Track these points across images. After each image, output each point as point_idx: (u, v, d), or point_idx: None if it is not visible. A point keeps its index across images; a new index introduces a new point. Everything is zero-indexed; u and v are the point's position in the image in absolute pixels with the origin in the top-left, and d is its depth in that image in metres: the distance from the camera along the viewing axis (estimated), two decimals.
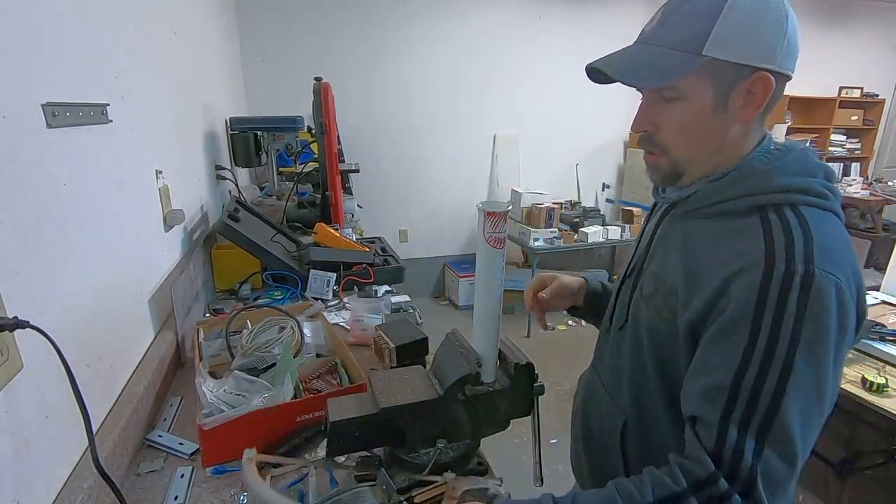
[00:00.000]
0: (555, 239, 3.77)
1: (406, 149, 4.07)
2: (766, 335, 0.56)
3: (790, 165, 0.64)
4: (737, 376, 0.57)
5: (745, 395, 0.56)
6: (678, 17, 0.62)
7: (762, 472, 0.55)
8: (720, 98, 0.63)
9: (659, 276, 0.72)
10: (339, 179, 2.43)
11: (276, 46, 3.52)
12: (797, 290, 0.55)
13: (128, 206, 1.10)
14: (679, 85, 0.63)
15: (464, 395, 0.83)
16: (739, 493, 0.55)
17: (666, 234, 0.75)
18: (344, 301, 1.65)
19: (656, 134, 0.68)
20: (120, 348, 1.01)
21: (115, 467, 0.84)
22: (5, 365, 0.62)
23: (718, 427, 0.57)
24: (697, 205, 0.69)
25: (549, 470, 0.85)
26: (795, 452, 0.56)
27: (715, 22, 0.59)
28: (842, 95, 5.10)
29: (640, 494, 0.58)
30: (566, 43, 4.14)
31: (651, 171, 0.73)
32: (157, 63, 1.42)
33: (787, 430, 0.55)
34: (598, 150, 4.61)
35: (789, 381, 0.55)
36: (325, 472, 0.90)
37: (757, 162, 0.65)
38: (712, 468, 0.56)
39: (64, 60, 0.85)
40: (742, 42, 0.59)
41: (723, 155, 0.67)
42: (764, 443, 0.55)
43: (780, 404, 0.55)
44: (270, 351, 1.10)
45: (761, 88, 0.62)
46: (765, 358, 0.56)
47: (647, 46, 0.65)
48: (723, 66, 0.61)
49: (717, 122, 0.64)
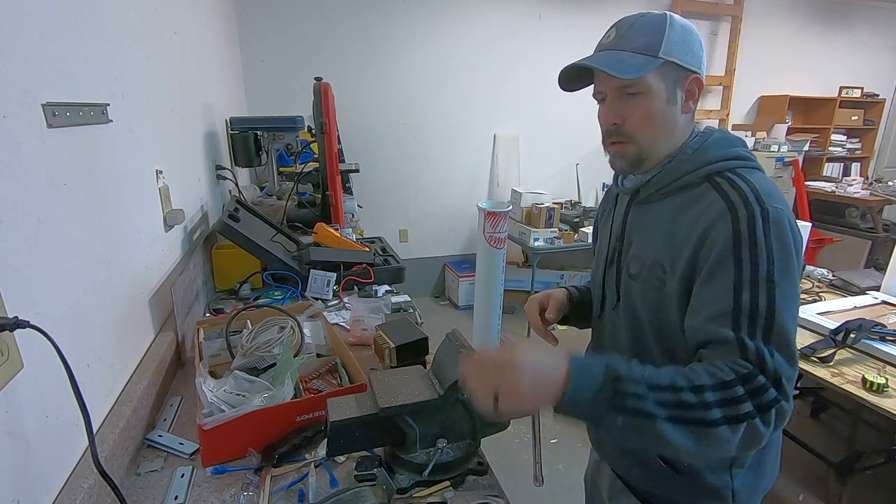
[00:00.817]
0: (555, 239, 3.77)
1: (406, 149, 4.06)
2: (749, 263, 0.68)
3: (718, 141, 0.81)
4: (735, 300, 0.68)
5: (747, 312, 0.67)
6: (634, 31, 0.77)
7: (781, 368, 0.65)
8: (671, 93, 0.78)
9: (641, 255, 0.83)
10: (340, 179, 2.43)
11: (276, 46, 3.52)
12: (761, 222, 0.69)
13: (128, 205, 1.10)
14: (643, 81, 0.76)
15: (464, 394, 0.83)
16: (774, 388, 0.64)
17: (635, 220, 0.87)
18: (344, 301, 1.65)
19: (623, 125, 0.80)
20: (120, 348, 1.01)
21: (116, 467, 0.84)
22: (5, 365, 0.63)
23: (736, 341, 0.66)
24: (657, 186, 0.82)
25: (549, 469, 0.85)
26: (794, 351, 0.67)
27: (663, 34, 0.76)
28: (842, 95, 5.10)
29: (697, 376, 0.64)
30: (566, 42, 4.14)
31: (617, 160, 0.84)
32: (157, 63, 1.42)
33: (785, 332, 0.67)
34: (598, 149, 4.52)
35: (776, 293, 0.67)
36: (325, 472, 0.90)
37: (695, 142, 0.82)
38: (751, 367, 0.64)
39: (64, 60, 0.85)
40: (683, 50, 0.76)
41: (671, 141, 0.81)
42: (772, 345, 0.66)
43: (774, 313, 0.67)
44: (270, 351, 1.10)
45: (696, 87, 0.79)
46: (752, 281, 0.68)
47: (613, 52, 0.78)
48: (672, 67, 0.77)
49: (671, 112, 0.79)
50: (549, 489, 2.25)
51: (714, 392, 0.62)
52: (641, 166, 0.83)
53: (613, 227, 0.92)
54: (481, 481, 0.88)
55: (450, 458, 0.85)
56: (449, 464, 0.85)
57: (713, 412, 0.61)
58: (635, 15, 0.79)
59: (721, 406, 0.62)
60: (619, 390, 0.61)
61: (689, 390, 0.62)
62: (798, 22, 4.87)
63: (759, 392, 0.63)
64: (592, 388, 0.61)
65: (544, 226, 3.74)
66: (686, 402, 0.62)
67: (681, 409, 0.62)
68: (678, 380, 0.63)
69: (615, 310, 0.90)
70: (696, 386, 0.62)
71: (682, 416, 0.61)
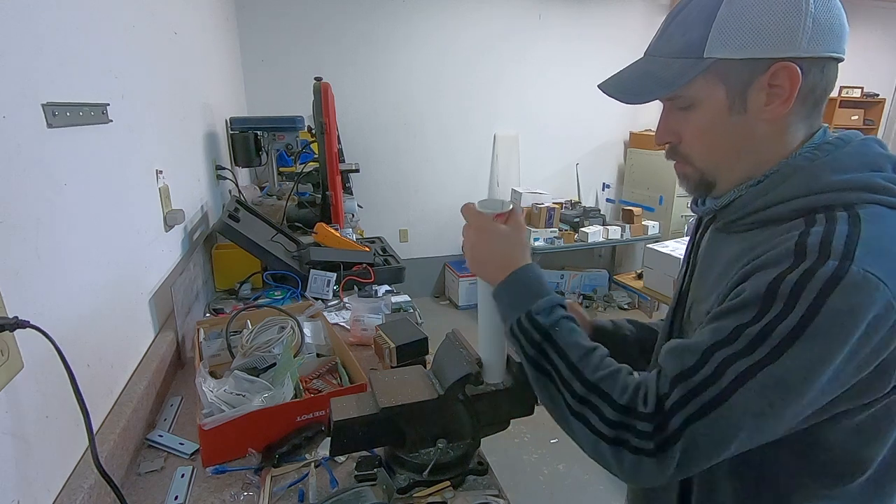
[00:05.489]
0: (555, 239, 3.77)
1: (406, 148, 4.07)
2: (764, 322, 0.50)
3: (844, 159, 0.57)
4: (713, 346, 0.53)
5: (711, 367, 0.52)
6: (675, 26, 0.60)
7: (684, 444, 0.52)
8: (736, 98, 0.58)
9: (699, 298, 0.67)
10: (340, 179, 2.43)
11: (276, 46, 3.52)
12: (820, 282, 0.48)
13: (128, 205, 1.10)
14: (687, 93, 0.60)
15: (464, 394, 0.83)
16: (655, 444, 0.53)
17: (706, 254, 0.70)
18: (344, 301, 1.65)
19: (679, 144, 0.65)
20: (120, 348, 1.01)
21: (116, 467, 0.84)
22: (6, 365, 0.63)
23: (670, 382, 0.54)
24: (737, 214, 0.62)
25: (549, 469, 0.85)
26: (713, 452, 0.53)
27: (711, 24, 0.56)
28: (842, 95, 5.09)
29: (594, 369, 0.59)
30: (566, 42, 4.14)
31: (682, 182, 0.69)
32: (157, 63, 1.42)
33: (718, 432, 0.52)
34: (598, 149, 4.61)
35: (763, 371, 0.49)
36: (325, 472, 0.90)
37: (801, 159, 0.58)
38: (651, 410, 0.54)
39: (64, 60, 0.85)
40: (746, 37, 0.55)
41: (757, 156, 0.61)
42: (692, 425, 0.52)
43: (723, 404, 0.50)
44: (270, 351, 1.10)
45: (786, 80, 0.55)
46: (752, 341, 0.50)
47: (650, 59, 0.63)
48: (731, 64, 0.56)
49: (737, 123, 0.60)
50: (549, 489, 2.25)
51: (591, 391, 0.57)
52: (713, 190, 0.65)
53: (690, 258, 0.75)
54: (481, 481, 0.88)
55: (450, 458, 0.85)
56: (449, 464, 0.85)
57: (574, 402, 0.58)
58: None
59: (585, 405, 0.57)
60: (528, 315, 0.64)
61: (570, 368, 0.60)
62: None
63: (632, 433, 0.54)
64: (515, 297, 0.67)
65: (544, 226, 3.75)
66: (560, 372, 0.61)
67: (550, 368, 0.62)
68: (573, 353, 0.61)
69: None
70: (579, 371, 0.59)
71: (546, 369, 0.62)
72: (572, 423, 0.59)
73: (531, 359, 0.63)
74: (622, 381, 0.57)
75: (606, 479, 2.28)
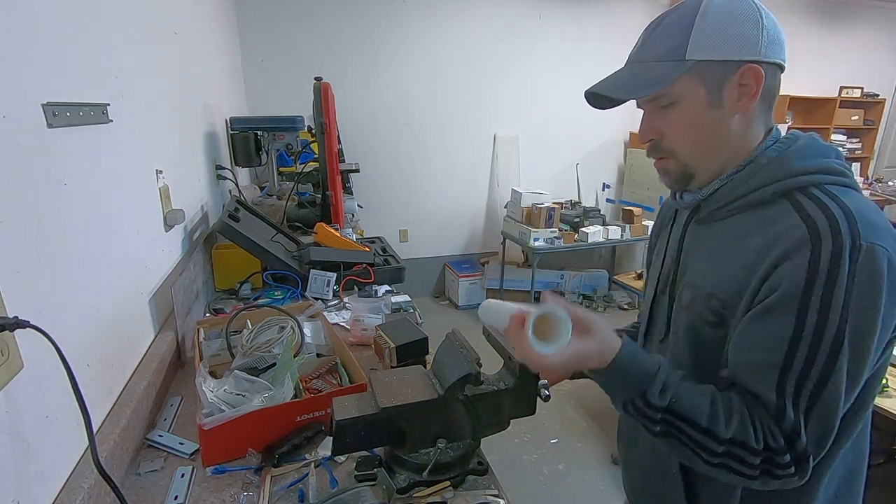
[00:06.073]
0: (555, 239, 3.77)
1: (406, 148, 4.06)
2: (817, 314, 0.58)
3: (803, 150, 0.67)
4: (787, 357, 0.60)
5: (796, 374, 0.60)
6: (656, 36, 0.68)
7: (810, 449, 0.61)
8: (713, 95, 0.67)
9: (695, 284, 0.73)
10: (340, 179, 2.43)
11: (276, 46, 3.52)
12: (847, 263, 0.57)
13: (128, 205, 1.10)
14: (671, 91, 0.67)
15: (464, 394, 0.83)
16: (796, 467, 0.61)
17: (693, 241, 0.76)
18: (344, 301, 1.65)
19: (662, 140, 0.72)
20: (120, 348, 1.01)
21: (116, 467, 0.84)
22: (5, 365, 0.63)
23: (776, 408, 0.61)
24: (720, 202, 0.71)
25: (549, 469, 0.85)
26: (831, 430, 0.61)
27: (690, 32, 0.64)
28: (842, 95, 5.09)
29: (725, 423, 0.62)
30: (567, 42, 4.14)
31: (663, 177, 0.75)
32: (157, 63, 1.42)
33: (829, 410, 0.60)
34: (598, 149, 4.60)
35: (836, 365, 0.58)
36: (325, 472, 0.90)
37: (771, 151, 0.68)
38: (782, 443, 0.60)
39: (64, 60, 0.85)
40: (720, 42, 0.64)
41: (730, 149, 0.70)
42: (810, 421, 0.60)
43: (825, 387, 0.59)
44: (270, 351, 1.10)
45: (752, 79, 0.65)
46: (814, 337, 0.58)
47: (633, 65, 0.70)
48: (709, 65, 0.65)
49: (716, 117, 0.68)
50: (549, 489, 2.25)
51: (729, 446, 0.61)
52: (692, 182, 0.73)
53: (669, 248, 0.82)
54: (481, 481, 0.88)
55: (450, 458, 0.85)
56: (449, 464, 0.85)
57: (712, 458, 0.63)
58: (664, 13, 0.69)
59: (726, 457, 0.62)
60: (643, 397, 0.64)
61: (704, 433, 0.62)
62: (798, 22, 4.86)
63: (776, 467, 0.61)
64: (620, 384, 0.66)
65: (544, 226, 3.74)
66: (693, 438, 0.63)
67: (682, 437, 0.64)
68: (700, 417, 0.63)
69: (662, 343, 0.80)
70: (713, 433, 0.62)
71: (678, 438, 0.64)
72: (714, 472, 0.64)
73: (658, 433, 0.66)
74: (750, 426, 0.62)
75: (606, 479, 2.29)
